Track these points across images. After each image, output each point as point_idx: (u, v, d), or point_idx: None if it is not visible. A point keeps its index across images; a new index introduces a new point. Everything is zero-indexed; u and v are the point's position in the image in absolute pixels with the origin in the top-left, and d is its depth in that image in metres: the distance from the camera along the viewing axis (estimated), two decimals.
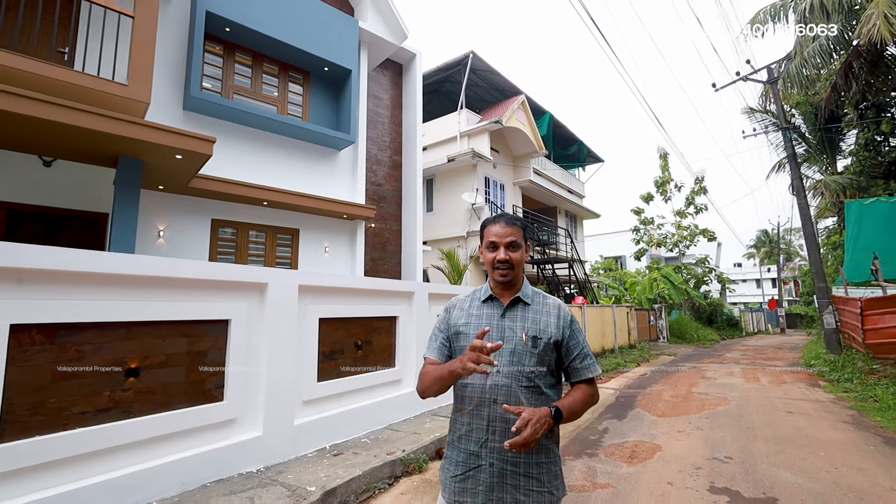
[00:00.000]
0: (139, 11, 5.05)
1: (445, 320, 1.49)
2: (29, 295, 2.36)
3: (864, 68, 11.65)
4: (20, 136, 4.55)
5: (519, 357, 1.31)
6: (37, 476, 2.33)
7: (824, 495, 3.16)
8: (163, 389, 2.91)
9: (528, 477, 1.27)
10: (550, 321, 1.37)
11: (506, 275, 1.37)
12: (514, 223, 1.41)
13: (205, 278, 3.18)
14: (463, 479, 1.29)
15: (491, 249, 1.40)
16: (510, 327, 1.35)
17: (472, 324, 1.39)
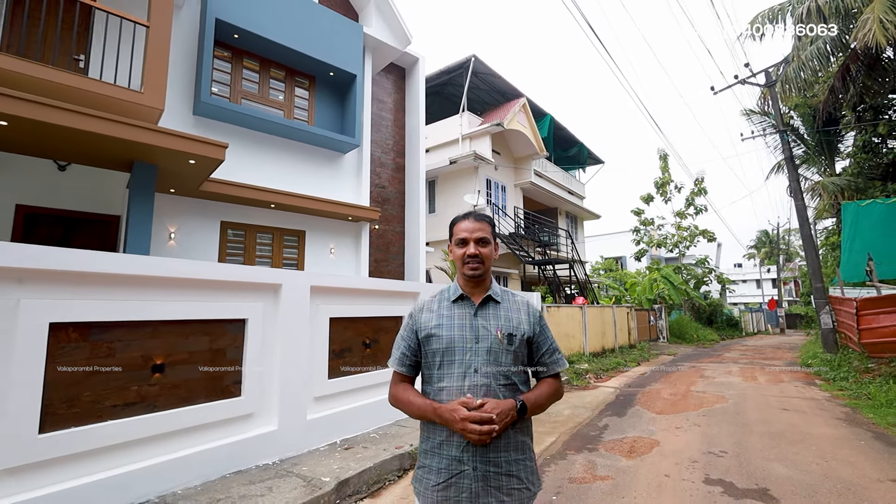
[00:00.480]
0: (154, 21, 5.21)
1: (410, 325, 1.45)
2: (66, 295, 2.52)
3: (862, 71, 11.79)
4: (42, 142, 4.71)
5: (496, 355, 1.31)
6: (73, 465, 2.49)
7: (813, 486, 3.32)
8: (185, 385, 3.07)
9: (509, 476, 1.27)
10: (522, 318, 1.39)
11: (476, 268, 1.36)
12: (482, 219, 1.42)
13: (223, 279, 3.34)
14: (445, 488, 1.26)
15: (460, 245, 1.40)
16: (484, 326, 1.35)
17: (444, 325, 1.37)
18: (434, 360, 1.36)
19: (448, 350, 1.33)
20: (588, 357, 10.74)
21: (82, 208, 6.40)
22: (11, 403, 2.28)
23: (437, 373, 1.35)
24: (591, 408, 6.30)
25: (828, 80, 13.50)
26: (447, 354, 1.33)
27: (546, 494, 3.27)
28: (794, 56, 12.06)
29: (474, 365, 1.30)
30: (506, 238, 13.15)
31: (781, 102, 15.30)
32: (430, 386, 1.38)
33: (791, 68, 12.28)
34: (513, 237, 13.40)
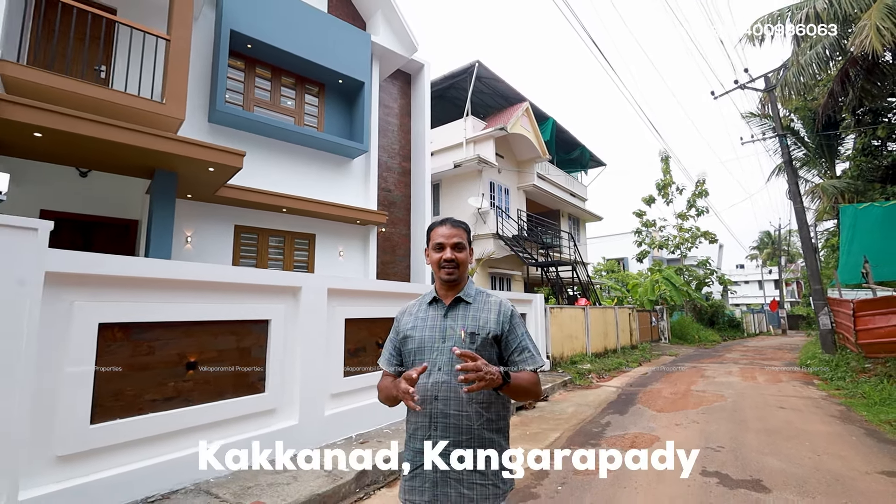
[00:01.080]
0: (175, 34, 5.46)
1: (395, 328, 1.53)
2: (112, 297, 2.75)
3: (861, 75, 11.95)
4: (71, 152, 4.96)
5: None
6: (119, 453, 2.72)
7: (804, 477, 3.52)
8: (216, 381, 3.30)
9: (471, 470, 1.29)
10: (490, 317, 1.41)
11: (451, 272, 1.41)
12: (459, 225, 1.47)
13: (249, 283, 3.57)
14: (412, 478, 1.33)
15: (437, 250, 1.44)
16: (451, 326, 1.40)
17: (417, 326, 1.44)
18: (409, 360, 1.42)
19: (419, 349, 1.40)
20: (591, 357, 10.93)
21: (102, 213, 6.65)
22: (67, 396, 2.51)
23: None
24: (593, 406, 6.50)
25: (827, 83, 13.67)
26: (418, 354, 1.39)
27: (552, 485, 3.48)
28: (794, 61, 12.24)
29: (439, 363, 1.34)
30: (509, 240, 13.36)
31: (782, 106, 15.48)
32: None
33: (791, 73, 12.44)
34: (516, 239, 13.62)
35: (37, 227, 2.39)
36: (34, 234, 2.38)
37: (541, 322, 9.15)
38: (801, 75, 12.19)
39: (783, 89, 12.84)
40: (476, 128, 13.79)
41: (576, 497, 3.25)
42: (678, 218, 24.04)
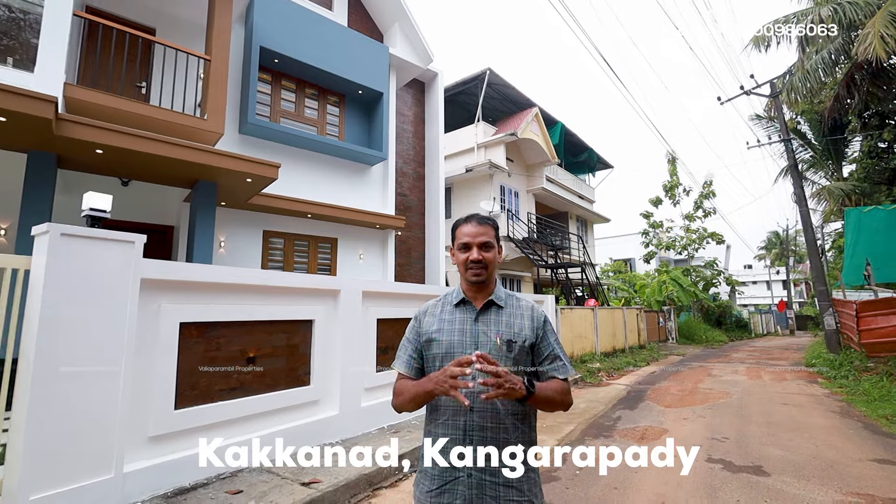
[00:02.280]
0: (214, 55, 5.89)
1: (415, 328, 1.42)
2: (190, 300, 3.16)
3: (866, 79, 12.15)
4: (123, 165, 5.39)
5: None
6: (195, 435, 3.12)
7: (801, 464, 3.86)
8: (271, 374, 3.70)
9: (508, 487, 1.22)
10: (525, 323, 1.34)
11: (479, 274, 1.33)
12: (486, 223, 1.38)
13: (297, 286, 3.97)
14: (439, 494, 1.23)
15: (463, 250, 1.35)
16: (484, 332, 1.32)
17: (444, 330, 1.34)
18: (434, 365, 1.33)
19: (447, 355, 1.30)
20: (600, 357, 11.26)
21: (142, 219, 7.10)
22: (156, 385, 2.92)
23: None
24: (604, 402, 6.85)
25: (833, 87, 13.88)
26: (446, 359, 1.29)
27: (568, 470, 3.85)
28: (799, 66, 12.48)
29: (472, 371, 1.24)
30: (519, 242, 13.71)
31: (788, 109, 15.68)
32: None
33: (796, 78, 12.67)
34: (526, 242, 13.96)
35: (133, 241, 2.80)
36: (132, 246, 2.79)
37: (552, 322, 9.49)
38: (806, 80, 12.41)
39: (789, 94, 13.07)
40: (487, 133, 14.16)
41: (592, 478, 3.61)
42: (685, 219, 24.24)
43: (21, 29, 4.71)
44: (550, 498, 3.26)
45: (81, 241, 2.56)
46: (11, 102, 3.84)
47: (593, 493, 3.34)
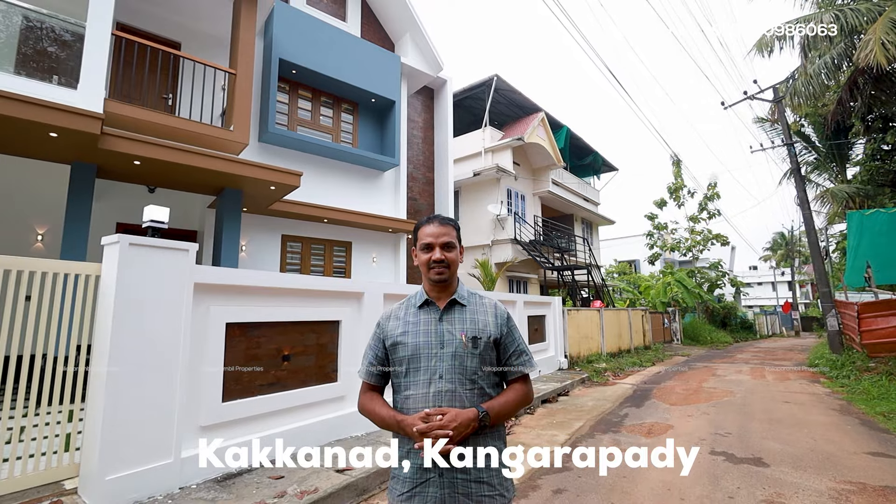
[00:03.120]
0: (240, 69, 6.20)
1: (378, 334, 1.43)
2: (234, 303, 3.45)
3: (869, 83, 12.31)
4: (157, 174, 5.71)
5: (461, 360, 1.29)
6: (240, 426, 3.42)
7: (799, 456, 4.10)
8: (303, 371, 3.99)
9: (479, 482, 1.24)
10: (489, 320, 1.37)
11: (442, 273, 1.34)
12: (447, 223, 1.40)
13: (326, 289, 4.26)
14: (410, 497, 1.25)
15: (426, 250, 1.37)
16: (449, 330, 1.33)
17: (409, 332, 1.35)
18: (401, 368, 1.34)
19: (413, 357, 1.31)
20: (606, 357, 11.49)
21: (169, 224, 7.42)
22: (206, 379, 3.22)
23: (404, 381, 1.33)
24: (611, 400, 7.10)
25: (837, 90, 14.05)
26: (413, 361, 1.31)
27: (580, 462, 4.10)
28: (802, 72, 12.67)
29: (439, 371, 1.28)
30: (526, 245, 13.96)
31: (792, 112, 15.88)
32: (398, 395, 1.36)
33: (799, 82, 12.86)
34: (533, 244, 14.22)
35: (188, 249, 3.10)
36: (186, 253, 3.09)
37: (559, 323, 9.75)
38: (809, 84, 12.60)
39: (792, 98, 13.25)
40: (494, 138, 14.44)
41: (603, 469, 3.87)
42: (690, 221, 24.41)
43: (65, 48, 5.03)
44: (563, 485, 3.52)
45: (146, 250, 2.86)
46: (63, 119, 4.16)
47: (604, 480, 3.60)
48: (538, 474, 3.79)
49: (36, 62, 4.81)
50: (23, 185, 6.18)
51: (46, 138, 4.39)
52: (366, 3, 9.95)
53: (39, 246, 6.34)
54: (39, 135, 4.34)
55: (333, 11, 9.32)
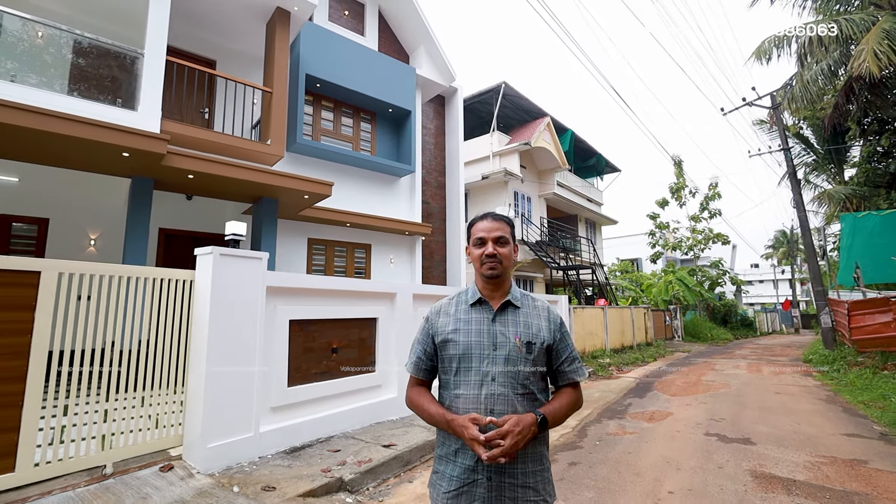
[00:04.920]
0: (276, 88, 6.76)
1: (427, 329, 1.43)
2: (295, 303, 4.03)
3: (865, 88, 12.79)
4: (204, 186, 6.27)
5: (514, 364, 1.28)
6: (300, 408, 4.00)
7: (783, 437, 4.66)
8: (348, 362, 4.57)
9: (525, 487, 1.24)
10: (542, 325, 1.35)
11: (494, 268, 1.32)
12: (500, 219, 1.39)
13: (366, 290, 4.84)
14: (457, 496, 1.25)
15: (478, 245, 1.36)
16: (502, 332, 1.32)
17: (461, 330, 1.33)
18: (450, 366, 1.33)
19: (465, 356, 1.30)
20: (609, 353, 12.06)
21: (203, 229, 8.01)
22: (275, 368, 3.80)
23: (454, 379, 1.31)
24: (616, 391, 7.67)
25: (834, 94, 14.52)
26: (464, 361, 1.30)
27: (591, 441, 4.68)
28: (798, 79, 13.17)
29: (492, 373, 1.27)
30: (533, 246, 14.52)
31: (791, 115, 16.36)
32: (446, 391, 1.34)
33: (796, 89, 13.35)
34: (539, 245, 14.77)
35: (261, 257, 3.67)
36: (260, 261, 3.66)
37: (566, 320, 10.32)
38: (807, 90, 13.10)
39: (790, 104, 13.76)
40: (501, 142, 14.97)
41: (610, 447, 4.44)
42: (691, 220, 24.90)
43: (125, 73, 5.60)
44: (577, 459, 4.09)
45: (231, 259, 3.44)
46: (135, 141, 4.73)
47: (611, 455, 4.17)
48: (555, 450, 4.36)
49: (102, 87, 5.38)
50: (77, 194, 6.76)
51: (118, 157, 4.96)
52: (383, 18, 10.49)
53: (92, 250, 6.92)
54: (111, 154, 4.91)
55: (353, 26, 9.87)
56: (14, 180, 6.38)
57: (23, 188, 6.40)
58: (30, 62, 5.06)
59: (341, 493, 3.17)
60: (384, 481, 3.49)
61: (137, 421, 3.25)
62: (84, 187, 6.68)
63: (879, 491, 3.23)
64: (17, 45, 5.05)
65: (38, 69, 5.09)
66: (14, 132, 4.30)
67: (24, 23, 5.05)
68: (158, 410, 3.33)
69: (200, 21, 7.30)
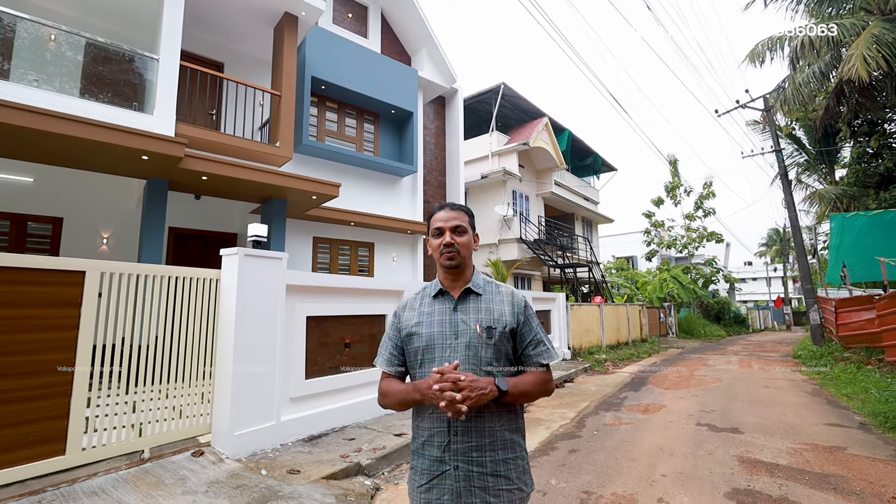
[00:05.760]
0: (284, 92, 6.96)
1: (395, 324, 1.42)
2: (311, 300, 4.26)
3: (855, 91, 13.12)
4: (216, 187, 6.47)
5: (475, 350, 1.27)
6: (316, 399, 4.24)
7: (769, 427, 4.96)
8: (359, 356, 4.81)
9: (496, 476, 1.22)
10: (505, 309, 1.33)
11: (452, 257, 1.32)
12: (458, 208, 1.38)
13: (376, 288, 5.07)
14: (428, 489, 1.25)
15: (437, 235, 1.36)
16: (463, 320, 1.31)
17: (423, 322, 1.34)
18: (416, 359, 1.33)
19: (428, 348, 1.30)
20: (605, 349, 12.37)
21: (211, 228, 8.21)
22: (294, 360, 4.03)
23: (419, 371, 1.32)
24: (612, 386, 7.96)
25: (825, 96, 14.86)
26: (427, 352, 1.30)
27: (589, 431, 4.95)
28: (791, 82, 13.48)
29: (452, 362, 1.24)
30: (531, 244, 14.79)
31: (783, 116, 16.71)
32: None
33: (789, 91, 13.67)
34: (537, 243, 15.04)
35: (281, 257, 3.90)
36: (280, 261, 3.89)
37: (563, 317, 10.60)
38: (799, 93, 13.41)
39: (782, 105, 14.09)
40: (500, 142, 15.21)
41: (607, 436, 4.72)
42: (686, 219, 25.27)
43: (141, 78, 5.78)
44: (576, 447, 4.36)
45: (255, 259, 3.66)
46: (154, 145, 4.93)
47: (609, 443, 4.45)
48: (555, 439, 4.63)
49: (120, 92, 5.56)
50: (90, 194, 6.94)
51: (137, 160, 5.16)
52: (385, 21, 10.68)
53: (105, 248, 7.11)
54: (131, 157, 5.11)
55: (356, 29, 10.06)
56: (29, 181, 6.55)
57: (38, 188, 6.58)
58: (52, 68, 5.24)
59: (360, 476, 3.42)
60: (397, 466, 3.75)
61: (169, 410, 3.48)
62: (96, 188, 6.86)
63: (854, 473, 3.52)
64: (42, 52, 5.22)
65: (59, 75, 5.27)
66: (38, 137, 4.49)
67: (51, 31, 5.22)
68: (188, 401, 3.56)
69: (209, 25, 7.47)
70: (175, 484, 2.84)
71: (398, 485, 3.37)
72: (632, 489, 3.29)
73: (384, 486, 3.33)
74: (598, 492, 3.25)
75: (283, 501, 2.71)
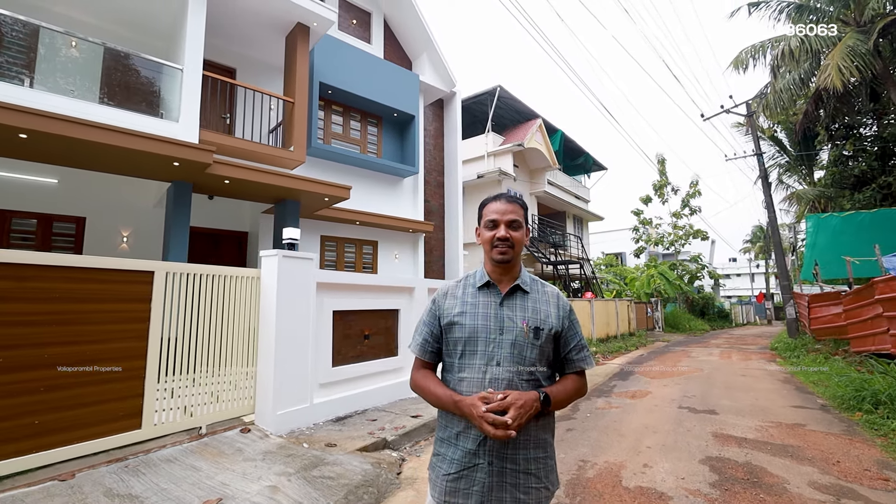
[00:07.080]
0: (297, 98, 7.36)
1: (433, 311, 1.40)
2: (336, 296, 4.73)
3: (832, 97, 13.84)
4: (235, 190, 6.86)
5: (520, 349, 1.26)
6: (341, 385, 4.72)
7: (742, 409, 5.57)
8: (377, 347, 5.30)
9: (527, 474, 1.22)
10: (551, 311, 1.32)
11: (505, 252, 1.29)
12: (515, 201, 1.35)
13: (391, 285, 5.55)
14: (457, 479, 1.23)
15: (490, 227, 1.32)
16: (510, 317, 1.29)
17: (467, 313, 1.31)
18: (455, 349, 1.31)
19: (470, 340, 1.28)
20: (595, 342, 13.01)
21: (223, 227, 8.60)
22: (322, 350, 4.51)
23: (459, 362, 1.30)
24: (602, 375, 8.56)
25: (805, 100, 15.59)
26: (469, 344, 1.28)
27: (582, 414, 5.51)
28: (772, 88, 14.16)
29: (497, 357, 1.24)
30: None
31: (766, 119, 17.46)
32: (450, 374, 1.33)
33: (770, 97, 14.36)
34: (531, 241, 15.62)
35: (312, 258, 4.36)
36: (311, 261, 4.35)
37: None
38: (779, 98, 14.10)
39: (764, 110, 14.79)
40: (495, 142, 15.70)
41: (599, 418, 5.29)
42: (673, 217, 26.09)
43: (166, 87, 6.15)
44: (572, 427, 4.91)
45: (291, 260, 4.12)
46: (186, 152, 5.33)
47: (600, 423, 5.01)
48: None
49: (149, 101, 5.93)
50: (110, 195, 7.27)
51: (168, 166, 5.55)
52: (388, 27, 11.07)
53: (125, 247, 7.47)
54: (161, 163, 5.50)
55: (360, 35, 10.43)
56: (54, 182, 6.88)
57: (62, 189, 6.91)
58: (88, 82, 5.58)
59: (387, 450, 3.92)
60: (417, 443, 4.26)
61: (220, 393, 3.94)
62: (116, 189, 7.21)
63: (809, 444, 4.12)
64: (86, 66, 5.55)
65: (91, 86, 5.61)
66: (72, 144, 4.84)
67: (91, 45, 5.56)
68: (235, 384, 4.02)
69: (223, 33, 7.81)
70: (234, 454, 3.31)
71: (420, 457, 3.88)
72: (621, 458, 3.85)
73: (408, 458, 3.84)
74: (593, 460, 3.80)
75: (330, 466, 3.20)
